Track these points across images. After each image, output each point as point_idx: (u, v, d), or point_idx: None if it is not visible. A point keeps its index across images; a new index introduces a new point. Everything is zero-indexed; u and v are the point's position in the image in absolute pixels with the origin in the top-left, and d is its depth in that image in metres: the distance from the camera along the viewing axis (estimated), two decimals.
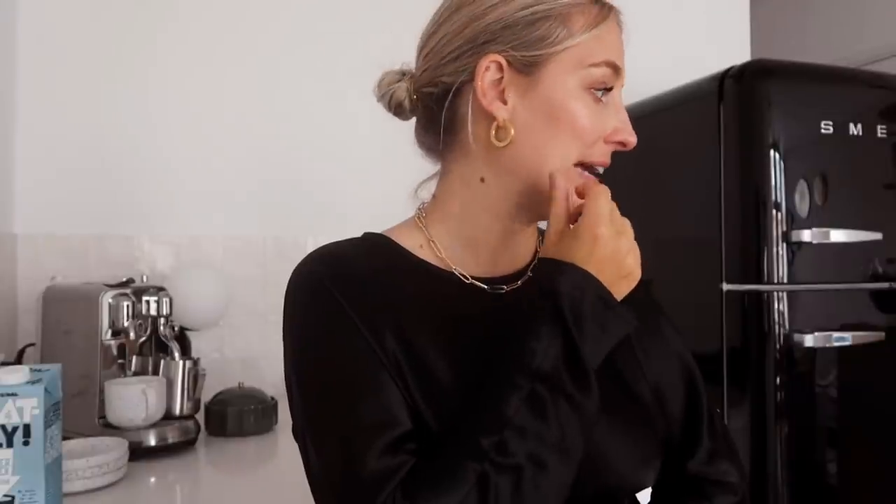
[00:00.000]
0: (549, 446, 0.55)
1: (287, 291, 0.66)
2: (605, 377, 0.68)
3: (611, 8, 0.68)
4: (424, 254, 0.70)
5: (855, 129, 1.54)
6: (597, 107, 0.66)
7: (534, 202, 0.67)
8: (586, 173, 0.67)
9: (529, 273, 0.72)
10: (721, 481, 0.75)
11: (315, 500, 0.62)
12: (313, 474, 0.61)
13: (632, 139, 0.67)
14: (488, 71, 0.65)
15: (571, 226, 0.63)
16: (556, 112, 0.65)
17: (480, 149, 0.67)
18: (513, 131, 0.65)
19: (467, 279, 0.69)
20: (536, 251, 0.74)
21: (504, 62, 0.65)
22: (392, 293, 0.65)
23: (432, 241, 0.70)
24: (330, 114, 1.88)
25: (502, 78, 0.65)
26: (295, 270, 0.67)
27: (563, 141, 0.66)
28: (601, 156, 0.67)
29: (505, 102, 0.66)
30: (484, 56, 0.65)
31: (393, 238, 0.71)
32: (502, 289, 0.70)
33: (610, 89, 0.67)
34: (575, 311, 0.58)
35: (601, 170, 0.68)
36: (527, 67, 0.65)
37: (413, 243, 0.70)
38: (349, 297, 0.63)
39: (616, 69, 0.67)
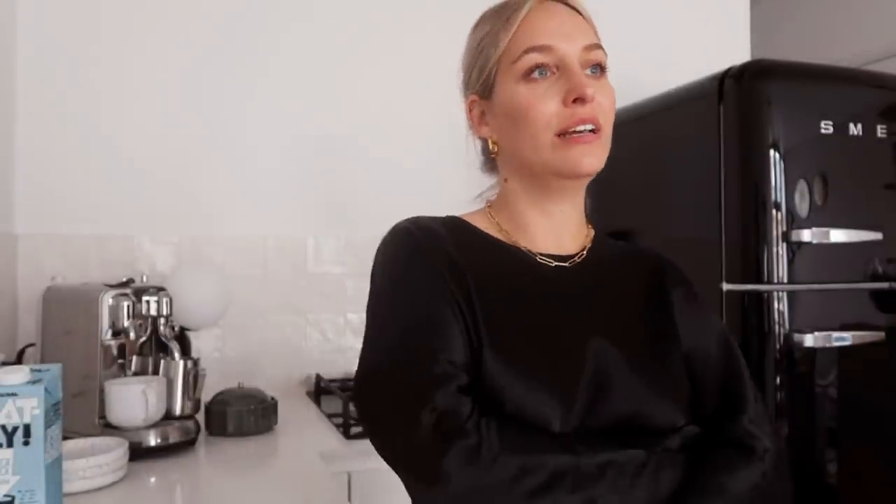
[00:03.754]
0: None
1: (381, 244, 0.79)
2: (639, 338, 0.78)
3: None
4: (495, 235, 0.83)
5: (855, 129, 1.54)
6: (539, 87, 0.75)
7: (536, 186, 0.80)
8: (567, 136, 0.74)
9: (584, 252, 0.83)
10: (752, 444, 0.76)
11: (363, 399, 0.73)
12: (375, 364, 0.72)
13: (586, 91, 0.72)
14: (472, 109, 0.84)
15: None
16: (509, 112, 0.78)
17: (497, 160, 0.85)
18: (496, 141, 0.82)
19: (533, 254, 0.80)
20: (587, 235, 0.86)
21: (476, 97, 0.83)
22: (471, 258, 0.76)
23: (499, 225, 0.83)
24: (330, 114, 1.88)
25: (483, 109, 0.82)
26: (390, 231, 0.80)
27: (523, 130, 0.76)
28: (568, 119, 0.74)
29: (487, 124, 0.83)
30: (465, 100, 0.85)
31: (469, 221, 0.84)
32: (564, 264, 0.81)
33: (545, 67, 0.74)
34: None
35: (586, 126, 0.73)
36: (486, 92, 0.81)
37: (485, 226, 0.84)
38: (436, 251, 0.75)
39: (541, 48, 0.75)
